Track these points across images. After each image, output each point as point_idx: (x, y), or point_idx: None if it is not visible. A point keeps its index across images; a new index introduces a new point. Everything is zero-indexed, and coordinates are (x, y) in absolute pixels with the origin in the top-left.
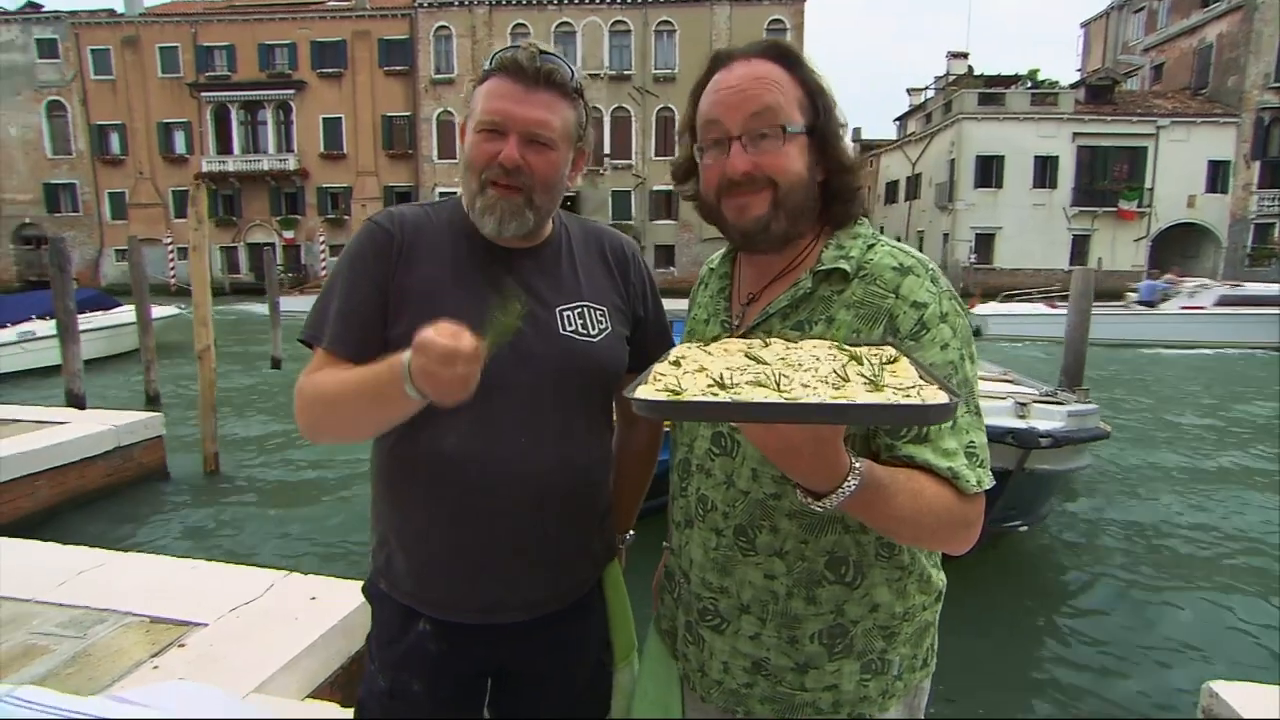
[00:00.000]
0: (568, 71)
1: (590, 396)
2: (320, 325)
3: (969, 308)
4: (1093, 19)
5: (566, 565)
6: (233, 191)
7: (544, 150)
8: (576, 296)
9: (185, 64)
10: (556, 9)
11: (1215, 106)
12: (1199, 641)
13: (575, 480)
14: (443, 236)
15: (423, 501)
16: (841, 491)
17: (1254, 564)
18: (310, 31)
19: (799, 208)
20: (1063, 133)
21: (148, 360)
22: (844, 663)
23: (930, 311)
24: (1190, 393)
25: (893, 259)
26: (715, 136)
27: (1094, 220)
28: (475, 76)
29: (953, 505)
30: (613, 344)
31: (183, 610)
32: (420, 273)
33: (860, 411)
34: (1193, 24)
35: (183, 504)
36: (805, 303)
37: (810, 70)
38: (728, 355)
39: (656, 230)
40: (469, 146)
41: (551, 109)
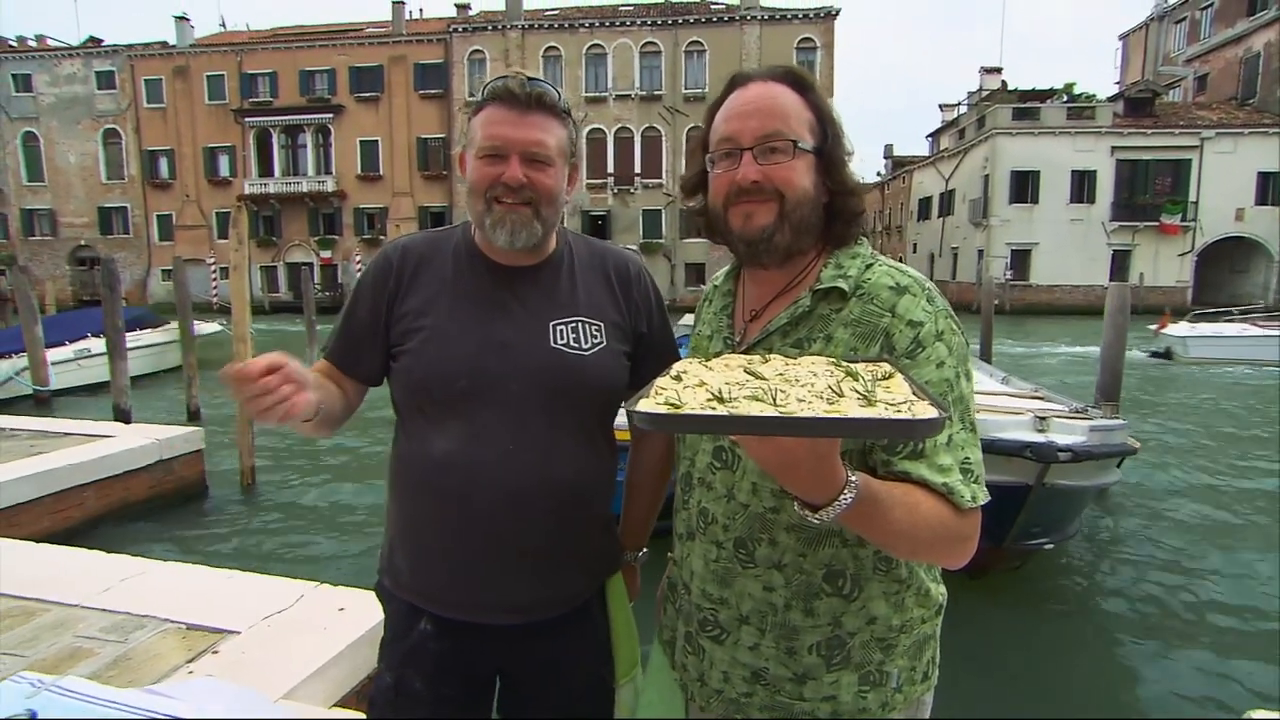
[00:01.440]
0: (555, 94)
1: (580, 409)
2: (330, 340)
3: (1160, 327)
4: (1131, 31)
5: (553, 573)
6: (273, 212)
7: (543, 167)
8: (571, 311)
9: (230, 91)
10: (588, 32)
11: (1264, 117)
12: (1234, 669)
13: (562, 492)
14: (445, 259)
15: (417, 502)
16: (838, 504)
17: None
18: (349, 57)
19: (803, 222)
20: (1101, 146)
21: (189, 376)
22: (842, 674)
23: (926, 330)
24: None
25: (889, 278)
26: (727, 149)
27: (1135, 235)
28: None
29: (948, 520)
30: (605, 359)
31: (217, 618)
32: (419, 295)
33: (851, 425)
34: (1238, 33)
35: (220, 516)
36: (804, 321)
37: (821, 97)
38: (728, 370)
39: (687, 249)
40: (472, 172)
41: (545, 129)
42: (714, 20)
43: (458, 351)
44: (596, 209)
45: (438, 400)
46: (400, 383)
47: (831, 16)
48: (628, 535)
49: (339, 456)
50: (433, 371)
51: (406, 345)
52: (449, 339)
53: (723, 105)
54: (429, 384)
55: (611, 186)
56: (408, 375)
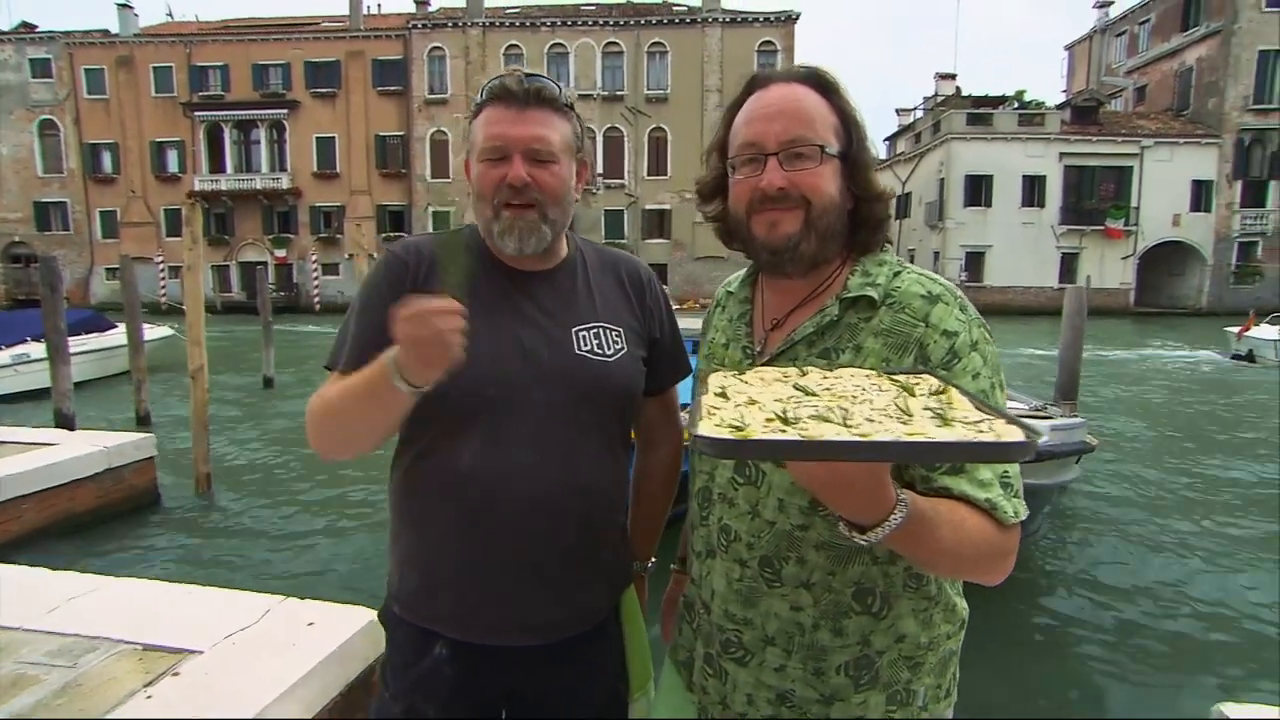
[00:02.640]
0: (555, 88)
1: (605, 417)
2: (338, 351)
3: (1243, 330)
4: (1076, 42)
5: (579, 588)
6: (225, 210)
7: (547, 165)
8: (592, 317)
9: (179, 83)
10: (549, 30)
11: (1197, 128)
12: (1205, 663)
13: (586, 502)
14: None
15: (435, 518)
16: (888, 524)
17: (1263, 581)
18: (304, 52)
19: (829, 230)
20: (1050, 152)
21: (139, 380)
22: (870, 694)
23: (961, 340)
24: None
25: (920, 286)
26: (750, 154)
27: (1082, 239)
28: (470, 99)
29: (992, 536)
30: (628, 365)
31: (177, 637)
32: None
33: (941, 450)
34: (1173, 48)
35: (175, 527)
36: (831, 330)
37: (845, 99)
38: (766, 384)
39: (649, 249)
40: (477, 177)
41: (547, 124)
42: (676, 21)
43: (483, 357)
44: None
45: (461, 409)
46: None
47: (792, 20)
48: (637, 545)
49: (298, 462)
50: (459, 378)
51: None
52: (472, 344)
53: (742, 107)
54: (454, 392)
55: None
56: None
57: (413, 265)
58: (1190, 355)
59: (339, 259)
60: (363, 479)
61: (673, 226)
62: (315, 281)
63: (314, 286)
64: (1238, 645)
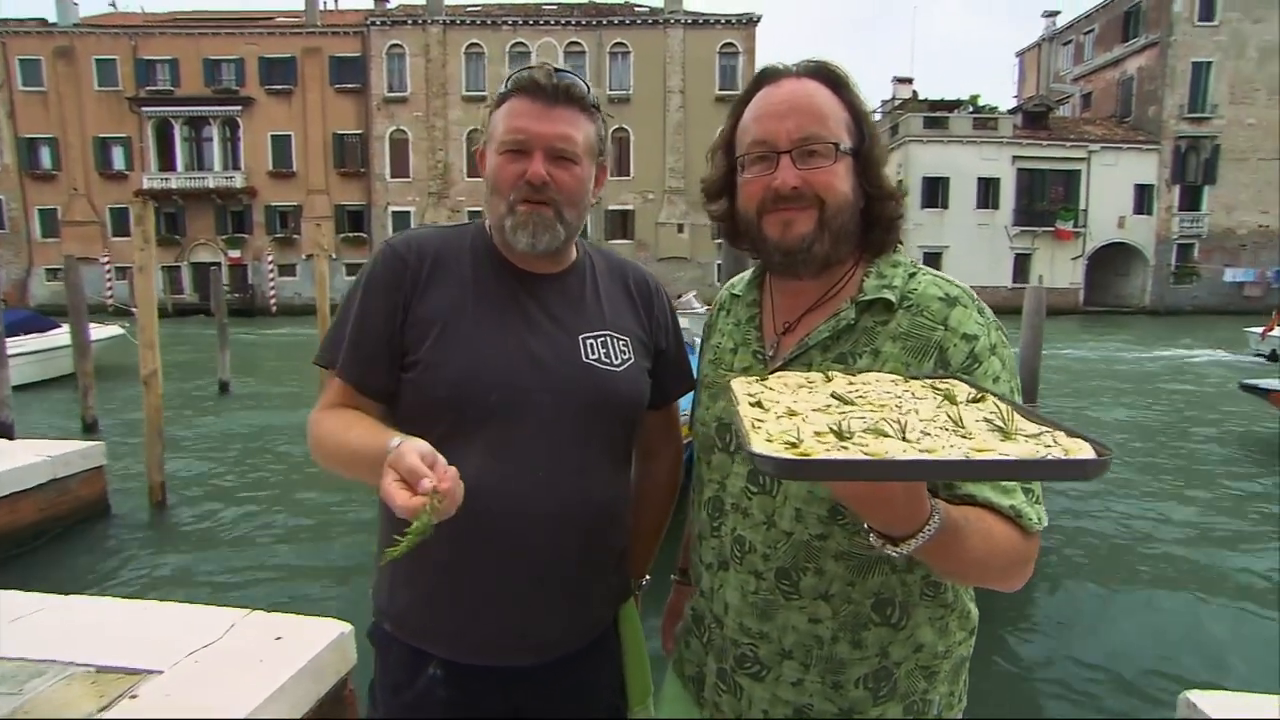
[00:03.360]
0: (584, 86)
1: (612, 428)
2: (334, 350)
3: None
4: (1027, 49)
5: (583, 603)
6: (176, 209)
7: (568, 165)
8: (600, 325)
9: (124, 77)
10: (511, 30)
11: (1139, 134)
12: (1173, 653)
13: (594, 515)
14: (463, 260)
15: (436, 534)
16: (922, 535)
17: (1223, 570)
18: (258, 47)
19: (843, 230)
20: (1003, 155)
21: (85, 385)
22: (888, 706)
23: (981, 344)
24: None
25: (938, 289)
26: (761, 151)
27: (1034, 239)
28: (430, 97)
29: (1018, 544)
30: (635, 375)
31: (133, 657)
32: (439, 298)
33: (1018, 468)
34: (1115, 57)
35: (128, 540)
36: (848, 334)
37: (856, 94)
38: (791, 390)
39: (612, 250)
40: (494, 169)
41: (573, 124)
42: (638, 22)
43: (488, 361)
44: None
45: (465, 416)
46: (418, 395)
47: (753, 23)
48: (635, 558)
49: (259, 469)
50: (463, 383)
51: (425, 353)
52: (477, 347)
53: (750, 103)
54: (458, 397)
55: None
56: (431, 387)
57: (413, 261)
58: (1212, 356)
59: (296, 260)
60: (328, 486)
61: (636, 227)
62: (271, 283)
63: (270, 288)
64: (1206, 638)
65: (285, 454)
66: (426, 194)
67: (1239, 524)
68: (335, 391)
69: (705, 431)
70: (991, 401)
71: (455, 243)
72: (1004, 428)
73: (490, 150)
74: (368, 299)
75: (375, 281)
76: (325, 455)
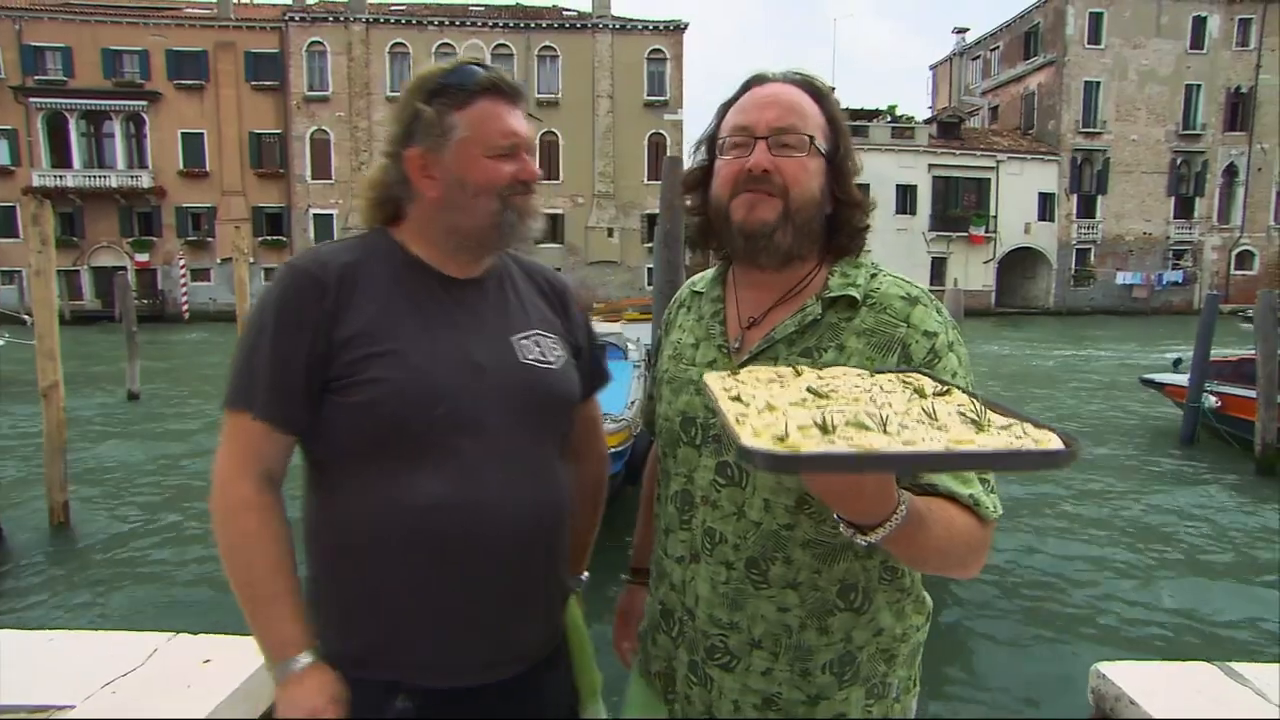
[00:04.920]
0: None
1: (556, 427)
2: (247, 390)
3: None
4: (939, 63)
5: (553, 606)
6: (73, 209)
7: (531, 158)
8: (527, 325)
9: (7, 64)
10: (437, 30)
11: (1041, 146)
12: (1085, 628)
13: (553, 517)
14: (378, 272)
15: (398, 561)
16: (889, 524)
17: (1131, 544)
18: (165, 39)
19: (806, 226)
20: (920, 164)
21: None
22: (851, 690)
23: (940, 340)
24: None
25: (899, 288)
26: (740, 138)
27: (949, 244)
28: (353, 98)
29: (975, 532)
30: (570, 372)
31: (40, 693)
32: (362, 315)
33: (1002, 458)
34: (1018, 74)
35: (27, 565)
36: (813, 329)
37: (836, 108)
38: (763, 384)
39: (542, 254)
40: (477, 173)
41: (527, 121)
42: (566, 26)
43: (429, 375)
44: None
45: (410, 435)
46: (353, 422)
47: (680, 29)
48: (573, 558)
49: (173, 484)
50: (406, 401)
51: (360, 375)
52: (415, 361)
53: (736, 102)
54: (401, 416)
55: None
56: (369, 410)
57: (326, 283)
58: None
59: (210, 264)
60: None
61: (565, 231)
62: (184, 288)
63: (183, 293)
64: (1115, 614)
65: (203, 469)
66: (350, 196)
67: (1144, 498)
68: (249, 435)
69: (669, 426)
70: (958, 394)
71: (365, 254)
72: (977, 420)
73: (462, 154)
74: (279, 329)
75: (285, 308)
76: (231, 557)
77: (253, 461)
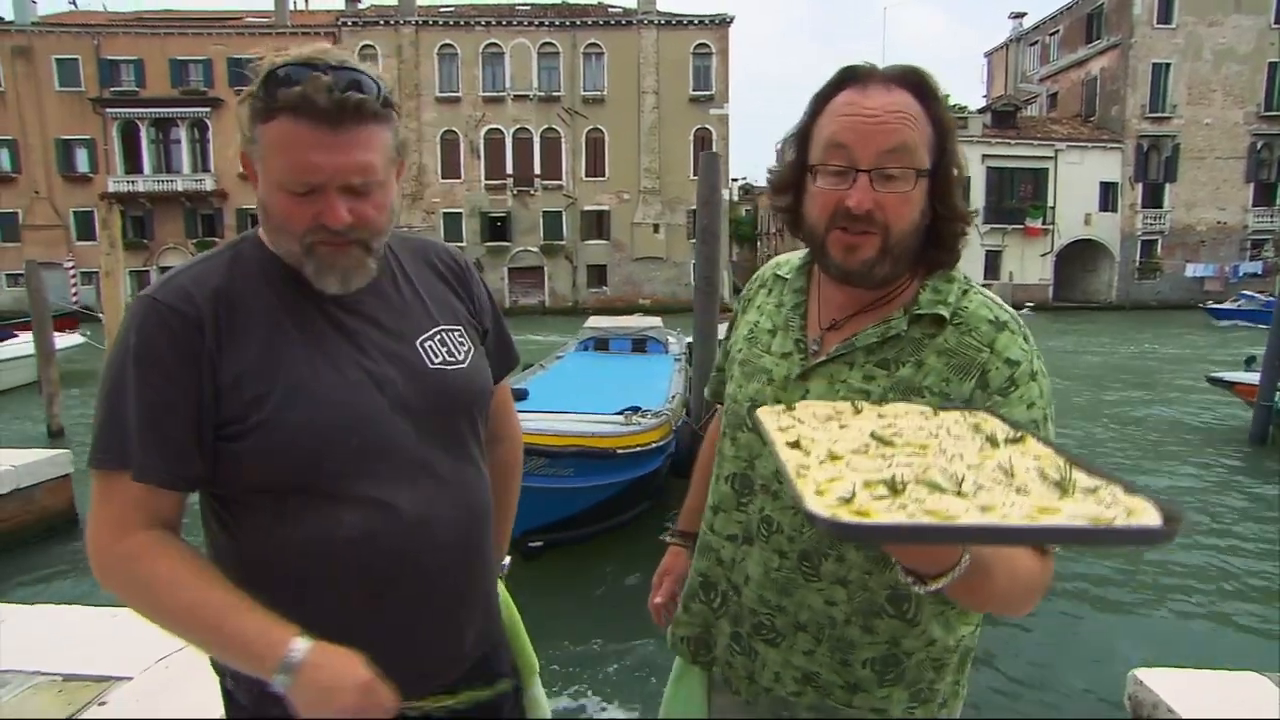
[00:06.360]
0: (373, 87)
1: (472, 426)
2: (119, 447)
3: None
4: (994, 50)
5: (490, 599)
6: (143, 213)
7: (371, 193)
8: (430, 323)
9: (87, 77)
10: (484, 30)
11: (1103, 133)
12: (1124, 634)
13: (480, 515)
14: (259, 294)
15: (324, 596)
16: (950, 575)
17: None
18: (226, 48)
19: (905, 253)
20: (973, 154)
21: (50, 393)
22: (894, 690)
23: (1022, 370)
24: None
25: (988, 310)
26: (840, 163)
27: (1004, 237)
28: (402, 102)
29: (1035, 571)
30: (480, 364)
31: (102, 665)
32: (249, 347)
33: (1089, 535)
34: (1079, 58)
35: None
36: (895, 342)
37: (944, 107)
38: (820, 422)
39: (589, 250)
40: (276, 206)
41: (368, 145)
42: (612, 23)
43: (336, 404)
44: (496, 210)
45: (323, 471)
46: (258, 465)
47: (726, 24)
48: (496, 543)
49: None
50: (315, 436)
51: (256, 417)
52: (319, 392)
53: (832, 101)
54: (311, 453)
55: (511, 188)
56: (273, 453)
57: (200, 316)
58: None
59: None
60: None
61: (611, 227)
62: None
63: None
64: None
65: None
66: (400, 196)
67: (1209, 498)
68: (128, 496)
69: (735, 409)
70: (1033, 443)
71: (239, 275)
72: (1061, 483)
73: (263, 176)
74: (150, 374)
75: (154, 350)
76: (152, 602)
77: (137, 517)
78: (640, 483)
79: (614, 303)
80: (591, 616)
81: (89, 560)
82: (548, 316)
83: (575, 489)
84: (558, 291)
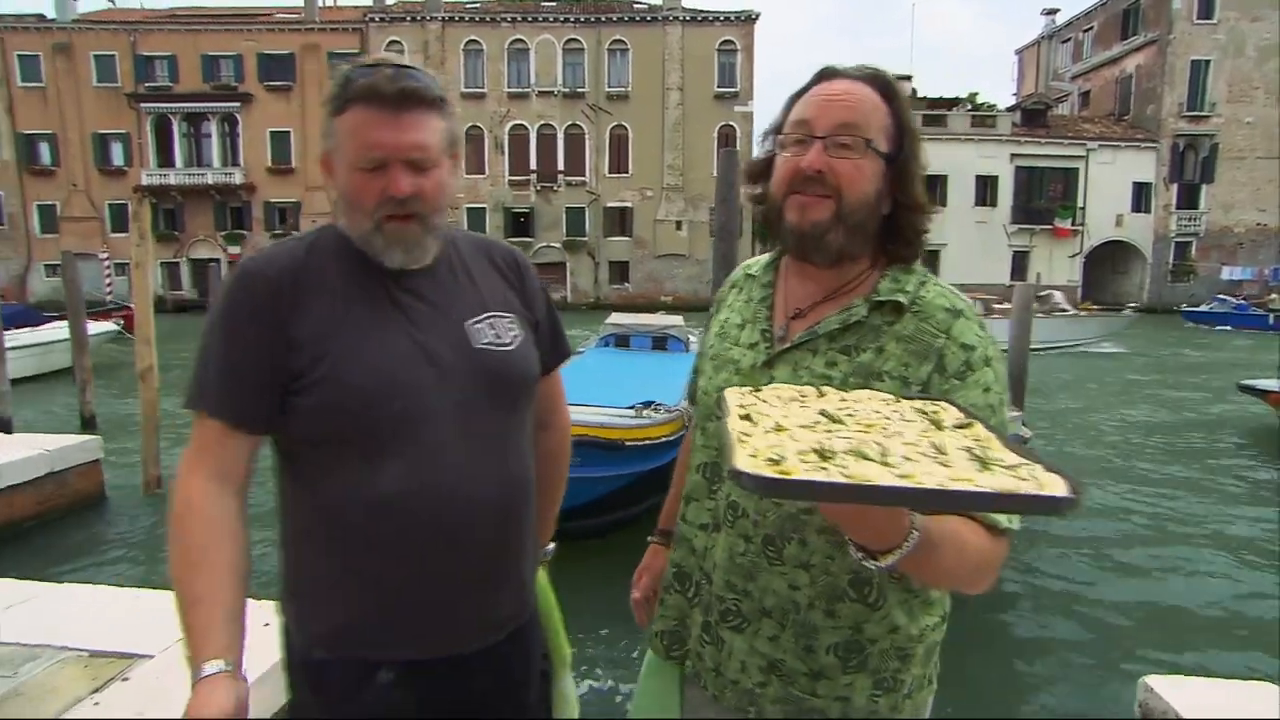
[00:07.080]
0: (429, 82)
1: (516, 406)
2: (203, 390)
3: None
4: (1026, 47)
5: (529, 574)
6: (174, 205)
7: (428, 172)
8: (481, 308)
9: (123, 73)
10: (510, 26)
11: (1137, 132)
12: (1135, 640)
13: (521, 493)
14: (329, 270)
15: (370, 547)
16: (898, 552)
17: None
18: (257, 43)
19: (859, 227)
20: (1002, 153)
21: (83, 381)
22: (857, 677)
23: (977, 354)
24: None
25: (945, 299)
26: (800, 135)
27: (1032, 237)
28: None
29: (986, 549)
30: (527, 350)
31: (126, 642)
32: (316, 313)
33: (988, 501)
34: (1114, 55)
35: (123, 531)
36: (856, 329)
37: (905, 108)
38: (784, 403)
39: (611, 246)
40: (350, 185)
41: (425, 128)
42: (637, 19)
43: (385, 369)
44: (519, 206)
45: (372, 430)
46: (313, 420)
47: (751, 20)
48: (539, 528)
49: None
50: (364, 396)
51: (315, 374)
52: (371, 358)
53: (804, 95)
54: (361, 412)
55: (534, 184)
56: (329, 408)
57: (279, 283)
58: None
59: None
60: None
61: (634, 224)
62: None
63: None
64: (1164, 627)
65: None
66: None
67: (1229, 512)
68: (205, 433)
69: (706, 400)
70: (979, 429)
71: (313, 253)
72: (983, 457)
73: (339, 163)
74: (234, 329)
75: (238, 309)
76: (170, 549)
77: (208, 459)
78: (648, 477)
79: (636, 299)
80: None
81: (171, 511)
82: (569, 312)
83: (580, 479)
84: (580, 288)
